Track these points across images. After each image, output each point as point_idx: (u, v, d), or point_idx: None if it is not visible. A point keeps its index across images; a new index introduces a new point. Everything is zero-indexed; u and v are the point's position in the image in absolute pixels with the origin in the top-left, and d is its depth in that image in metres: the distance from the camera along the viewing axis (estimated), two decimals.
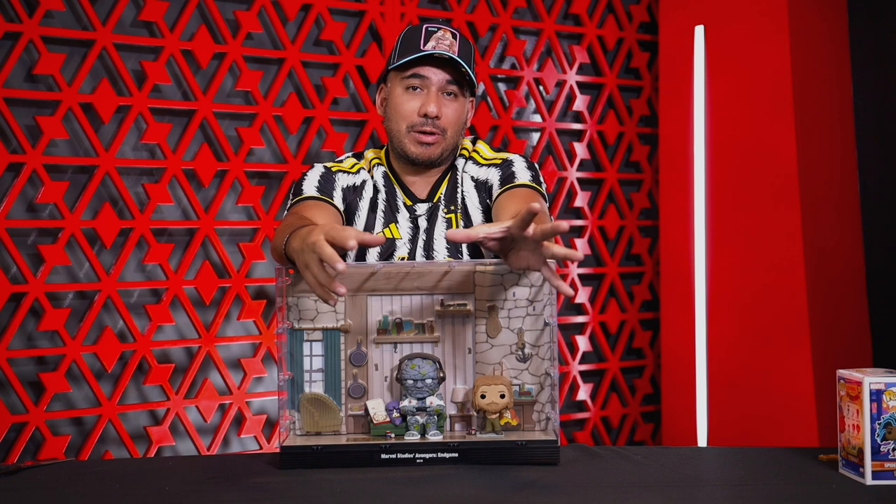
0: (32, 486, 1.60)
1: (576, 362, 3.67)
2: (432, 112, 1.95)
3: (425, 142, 1.98)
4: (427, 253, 2.02)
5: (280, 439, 1.67)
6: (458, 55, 1.96)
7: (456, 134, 2.01)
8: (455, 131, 2.01)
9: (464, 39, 2.00)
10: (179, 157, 3.01)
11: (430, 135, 1.97)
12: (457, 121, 2.00)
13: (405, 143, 2.00)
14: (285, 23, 3.21)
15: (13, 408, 2.76)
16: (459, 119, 2.01)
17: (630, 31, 3.84)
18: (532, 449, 1.66)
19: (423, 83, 1.97)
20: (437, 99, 1.97)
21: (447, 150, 2.01)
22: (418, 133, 1.97)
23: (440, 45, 1.96)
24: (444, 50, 1.95)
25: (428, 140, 1.98)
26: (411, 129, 1.98)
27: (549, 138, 3.69)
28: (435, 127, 1.97)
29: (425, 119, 1.96)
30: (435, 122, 1.97)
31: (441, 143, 1.99)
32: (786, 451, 1.79)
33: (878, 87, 3.40)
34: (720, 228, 3.48)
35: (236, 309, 3.11)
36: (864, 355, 3.31)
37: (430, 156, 1.99)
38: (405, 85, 1.98)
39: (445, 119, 1.98)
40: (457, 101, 2.00)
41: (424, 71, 1.97)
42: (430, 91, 1.97)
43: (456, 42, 1.98)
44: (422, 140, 1.98)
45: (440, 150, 2.00)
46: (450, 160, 2.07)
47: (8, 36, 2.78)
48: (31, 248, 2.83)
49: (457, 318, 1.73)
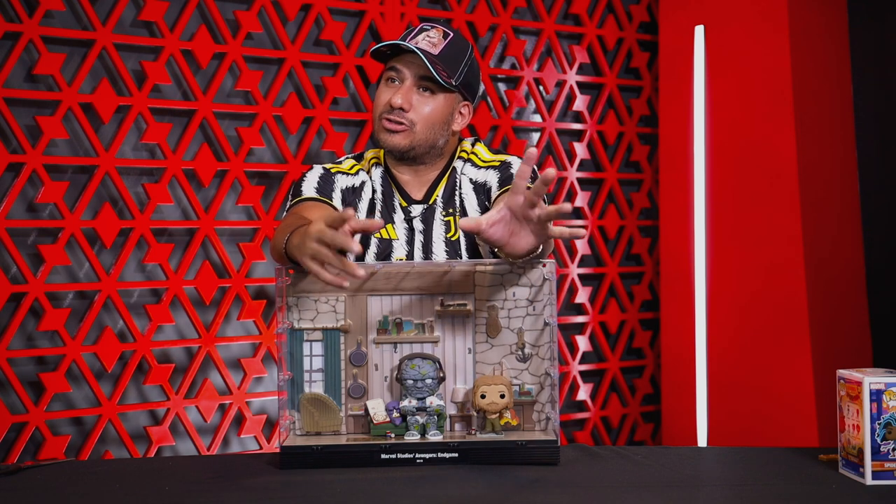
0: (32, 486, 1.60)
1: (576, 362, 3.67)
2: (396, 102, 1.97)
3: (390, 129, 1.99)
4: (426, 255, 2.02)
5: (280, 439, 1.67)
6: (440, 54, 1.97)
7: (429, 130, 2.00)
8: (427, 127, 1.99)
9: (456, 42, 2.00)
10: (179, 157, 3.01)
11: (397, 123, 1.98)
12: (430, 116, 1.99)
13: (377, 130, 2.02)
14: (285, 23, 3.21)
15: (13, 408, 2.76)
16: (434, 116, 2.00)
17: (630, 31, 3.84)
18: (532, 449, 1.66)
19: (399, 76, 2.00)
20: (407, 91, 1.98)
21: (418, 144, 2.00)
22: (386, 120, 1.99)
23: (424, 41, 1.97)
24: (426, 46, 1.96)
25: (392, 128, 1.98)
26: (381, 117, 2.00)
27: (549, 138, 3.69)
28: (401, 117, 1.98)
29: (391, 108, 1.98)
30: (401, 113, 1.98)
31: (409, 136, 1.99)
32: (786, 451, 1.79)
33: (878, 87, 3.40)
34: (720, 228, 3.48)
35: (236, 309, 3.11)
36: (864, 355, 3.31)
37: (395, 144, 1.99)
38: (385, 77, 2.02)
39: (415, 112, 1.98)
40: (433, 97, 1.99)
41: (399, 63, 1.99)
42: (403, 83, 1.99)
43: (444, 41, 1.98)
44: (386, 127, 1.99)
45: (408, 141, 1.99)
46: (437, 163, 2.07)
47: (8, 36, 2.78)
48: (31, 248, 2.83)
49: (457, 318, 1.73)
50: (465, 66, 2.01)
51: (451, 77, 1.98)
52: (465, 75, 2.01)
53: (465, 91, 2.04)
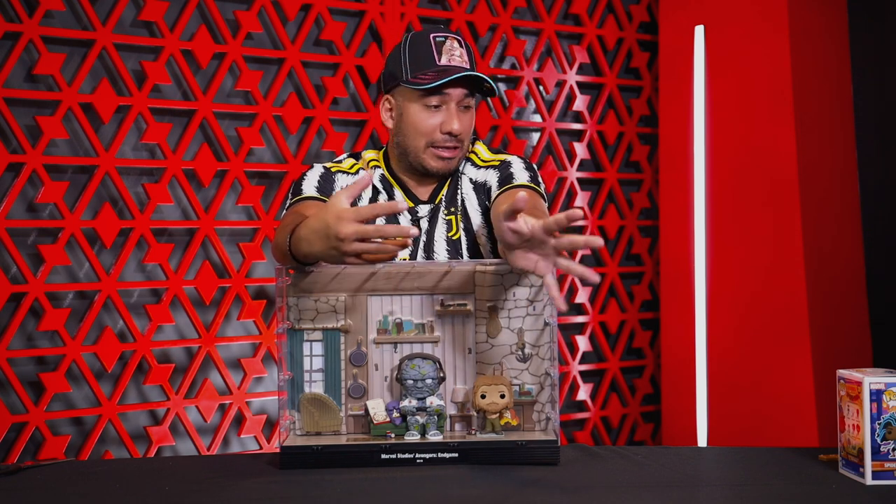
0: (32, 486, 1.60)
1: (576, 362, 3.67)
2: (457, 130, 1.97)
3: (446, 157, 1.99)
4: (427, 254, 2.03)
5: (280, 439, 1.67)
6: (469, 63, 1.99)
7: (468, 142, 2.04)
8: (469, 140, 2.04)
9: (466, 44, 2.02)
10: (179, 157, 3.01)
11: (452, 150, 1.99)
12: (470, 129, 2.03)
13: (423, 158, 2.00)
14: (285, 23, 3.21)
15: (13, 408, 2.76)
16: (472, 127, 2.04)
17: (630, 31, 3.84)
18: (532, 449, 1.66)
19: (443, 100, 1.97)
20: (459, 115, 1.98)
21: (462, 158, 2.05)
22: (440, 149, 1.99)
23: (453, 58, 1.97)
24: (458, 63, 1.97)
25: (448, 156, 2.00)
26: (431, 145, 1.99)
27: (549, 138, 3.69)
28: (457, 143, 1.99)
29: (448, 136, 1.98)
30: (457, 139, 1.99)
31: (459, 156, 2.02)
32: (786, 451, 1.79)
33: (878, 87, 3.40)
34: (720, 228, 3.48)
35: (236, 309, 3.11)
36: (864, 355, 3.31)
37: (449, 168, 2.02)
38: (424, 103, 1.97)
39: (465, 133, 2.00)
40: (470, 111, 2.02)
41: (446, 88, 1.97)
42: (450, 107, 1.97)
43: (464, 49, 1.99)
44: (442, 156, 1.99)
45: (458, 161, 2.03)
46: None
47: (8, 36, 2.78)
48: (31, 248, 2.83)
49: (457, 318, 1.73)
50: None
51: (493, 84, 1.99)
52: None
53: None
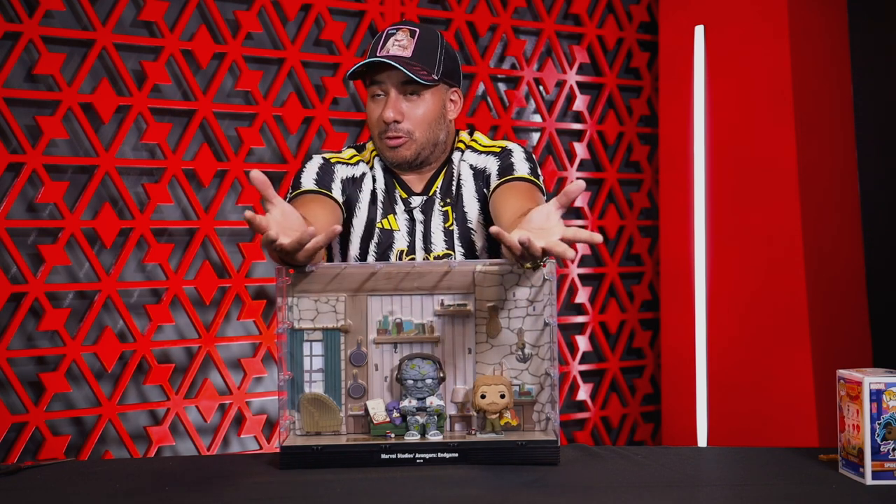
0: (32, 486, 1.60)
1: (576, 362, 3.67)
2: (388, 117, 1.97)
3: (392, 145, 1.99)
4: (425, 245, 2.04)
5: (280, 439, 1.67)
6: (413, 54, 1.96)
7: (428, 131, 2.00)
8: (425, 129, 2.00)
9: (424, 35, 1.99)
10: (179, 157, 3.01)
11: (396, 137, 1.98)
12: (424, 118, 1.99)
13: (381, 149, 2.02)
14: (285, 23, 3.21)
15: (13, 408, 2.76)
16: (428, 115, 2.00)
17: (630, 31, 3.84)
18: (532, 449, 1.66)
19: (382, 88, 1.98)
20: (395, 103, 1.97)
21: (422, 148, 2.01)
22: (386, 138, 1.99)
23: (394, 47, 1.96)
24: (396, 52, 1.96)
25: (394, 143, 1.99)
26: (381, 136, 2.00)
27: (549, 138, 3.69)
28: (398, 130, 1.98)
29: (386, 125, 1.98)
30: (397, 126, 1.98)
31: (411, 145, 1.99)
32: (786, 451, 1.78)
33: (878, 87, 3.40)
34: (720, 228, 3.48)
35: (236, 309, 3.11)
36: (864, 355, 3.31)
37: (402, 157, 2.00)
38: (370, 93, 2.01)
39: (410, 120, 1.98)
40: (421, 98, 1.99)
41: (379, 77, 1.98)
42: (388, 96, 1.98)
43: (413, 40, 1.97)
44: (389, 145, 1.99)
45: (412, 150, 2.00)
46: (441, 157, 2.07)
47: (8, 36, 2.78)
48: (31, 248, 2.83)
49: (457, 318, 1.73)
50: (440, 55, 2.00)
51: (431, 73, 1.97)
52: (443, 64, 2.00)
53: (449, 79, 2.03)
